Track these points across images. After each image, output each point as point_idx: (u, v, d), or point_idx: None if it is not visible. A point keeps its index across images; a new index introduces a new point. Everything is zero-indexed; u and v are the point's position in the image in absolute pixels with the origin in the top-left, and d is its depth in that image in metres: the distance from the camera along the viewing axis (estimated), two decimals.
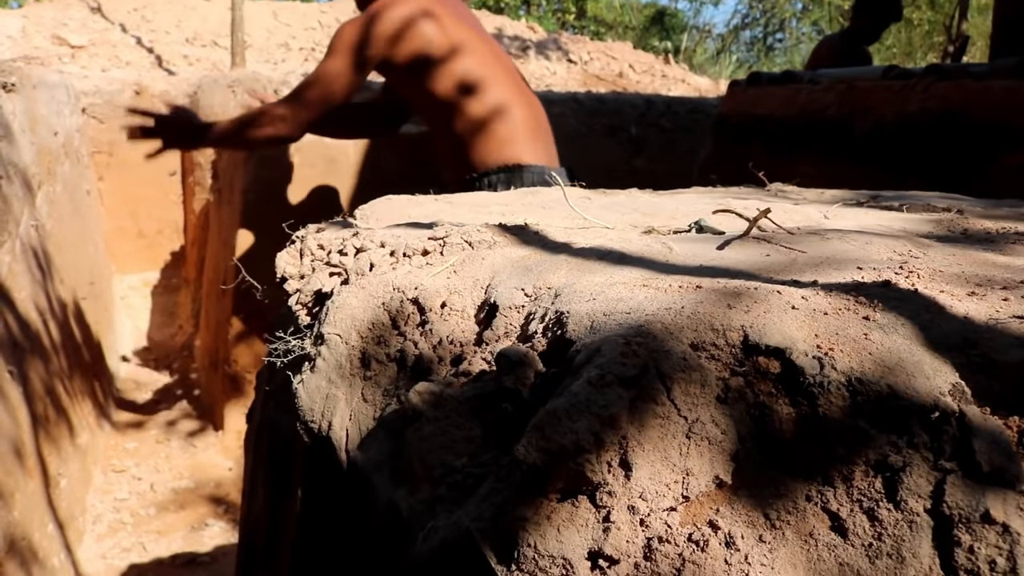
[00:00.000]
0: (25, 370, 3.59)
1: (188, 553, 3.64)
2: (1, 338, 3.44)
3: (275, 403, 1.47)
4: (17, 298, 3.71)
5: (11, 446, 3.28)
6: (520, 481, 0.80)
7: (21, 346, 3.64)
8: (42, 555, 3.23)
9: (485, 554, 0.82)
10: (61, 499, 3.63)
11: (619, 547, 0.77)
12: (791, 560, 0.78)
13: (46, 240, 4.19)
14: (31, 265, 3.98)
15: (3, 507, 3.05)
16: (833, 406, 0.82)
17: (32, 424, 3.48)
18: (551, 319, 1.04)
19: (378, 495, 1.06)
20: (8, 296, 3.64)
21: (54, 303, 4.11)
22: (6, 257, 3.62)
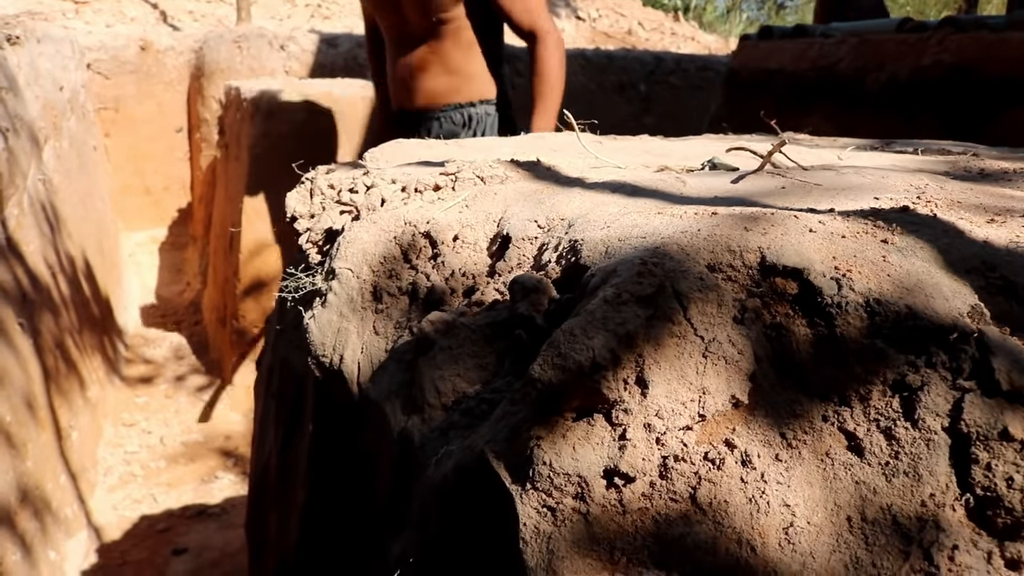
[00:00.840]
0: (35, 324, 3.60)
1: (198, 504, 3.67)
2: (11, 291, 3.44)
3: (285, 342, 1.47)
4: (26, 251, 3.71)
5: (23, 398, 3.30)
6: (535, 400, 0.79)
7: (31, 300, 3.65)
8: (55, 505, 3.26)
9: (499, 475, 0.82)
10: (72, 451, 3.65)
11: (635, 465, 0.77)
12: (807, 479, 0.78)
13: (53, 195, 4.19)
14: (39, 219, 3.97)
15: (16, 457, 3.07)
16: (851, 326, 0.82)
17: (43, 377, 3.49)
18: (565, 248, 1.04)
19: (390, 425, 1.06)
20: (17, 250, 3.64)
21: (63, 258, 4.12)
22: (14, 210, 3.62)
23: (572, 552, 0.76)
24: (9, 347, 3.23)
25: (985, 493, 0.75)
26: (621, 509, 0.77)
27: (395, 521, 1.06)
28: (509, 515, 0.79)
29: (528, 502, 0.78)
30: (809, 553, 0.74)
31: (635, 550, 0.76)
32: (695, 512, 0.76)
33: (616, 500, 0.77)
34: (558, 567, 0.75)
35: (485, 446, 0.85)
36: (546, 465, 0.78)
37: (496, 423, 0.89)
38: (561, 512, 0.77)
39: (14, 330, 3.34)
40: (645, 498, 0.77)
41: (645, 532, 0.76)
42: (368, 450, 1.15)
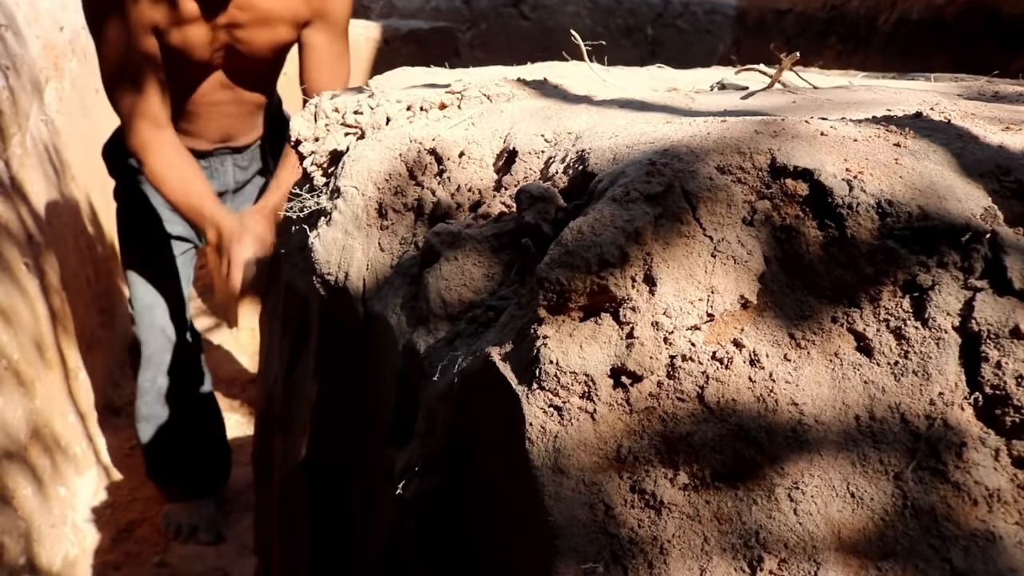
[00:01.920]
0: (41, 265, 3.60)
1: None
2: (16, 231, 3.44)
3: (290, 266, 1.46)
4: (30, 192, 3.70)
5: (30, 337, 3.31)
6: (542, 299, 0.79)
7: (36, 241, 3.64)
8: (64, 443, 3.28)
9: (505, 377, 0.81)
10: (80, 391, 3.67)
11: (642, 363, 0.76)
12: (816, 379, 0.77)
13: (56, 137, 4.16)
14: (42, 161, 3.96)
15: (25, 395, 3.08)
16: (862, 228, 0.81)
17: (50, 318, 3.50)
18: (572, 159, 1.02)
19: (395, 338, 1.06)
20: (21, 190, 3.63)
21: (67, 200, 4.11)
22: (17, 150, 3.60)
23: (579, 451, 0.76)
24: (15, 286, 3.24)
25: (994, 392, 0.75)
26: (628, 408, 0.77)
27: (400, 434, 1.07)
28: (515, 416, 0.79)
29: (534, 402, 0.78)
30: (817, 452, 0.74)
31: (642, 449, 0.76)
32: (703, 411, 0.76)
33: (623, 399, 0.77)
34: (565, 465, 0.75)
35: (491, 349, 0.85)
36: (553, 364, 0.77)
37: (502, 328, 0.88)
38: (568, 411, 0.77)
39: (20, 269, 3.34)
40: (652, 397, 0.77)
41: (652, 431, 0.76)
42: (374, 366, 1.15)
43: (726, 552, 0.72)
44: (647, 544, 0.72)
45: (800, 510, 0.72)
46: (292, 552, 1.47)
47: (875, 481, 0.73)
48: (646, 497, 0.74)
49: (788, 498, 0.73)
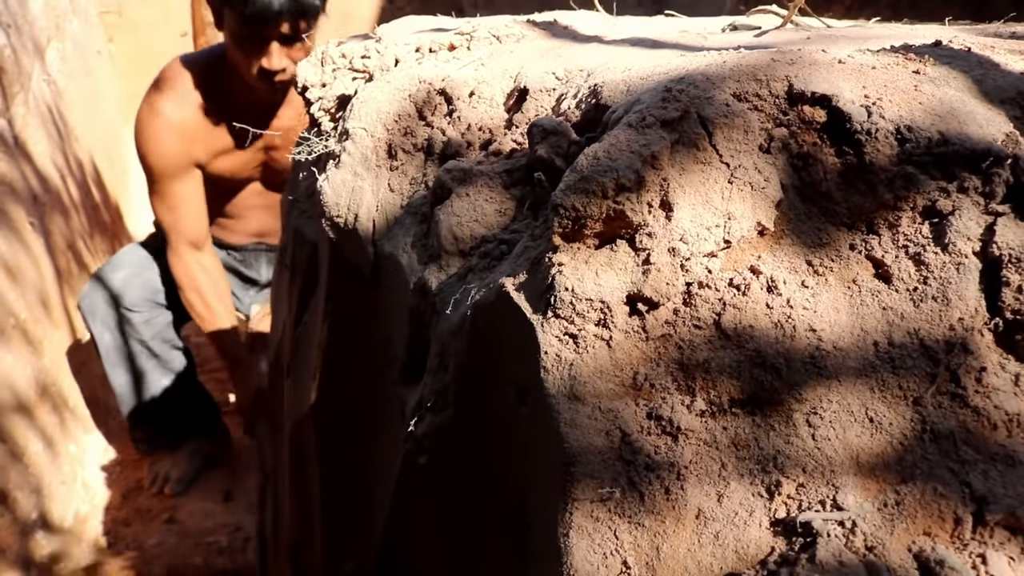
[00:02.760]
0: (46, 225, 3.59)
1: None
2: (21, 191, 3.43)
3: (298, 212, 1.45)
4: (34, 152, 3.68)
5: (37, 296, 3.31)
6: (557, 226, 0.78)
7: (41, 201, 3.63)
8: (72, 402, 3.29)
9: (519, 306, 0.81)
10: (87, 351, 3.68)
11: (659, 290, 0.75)
12: (834, 305, 0.77)
13: (59, 98, 4.14)
14: (45, 121, 3.93)
15: (33, 353, 3.09)
16: (880, 154, 0.79)
17: (56, 277, 3.49)
18: (584, 94, 1.01)
19: (406, 277, 1.05)
20: (25, 150, 3.62)
21: (71, 161, 4.09)
22: (20, 109, 3.58)
23: (595, 378, 0.75)
24: (21, 245, 3.23)
25: (1015, 317, 0.74)
26: (644, 335, 0.76)
27: (412, 373, 1.06)
28: (530, 345, 0.78)
29: (549, 330, 0.77)
30: (835, 377, 0.74)
31: (658, 376, 0.75)
32: (719, 338, 0.75)
33: (639, 326, 0.76)
34: (580, 392, 0.75)
35: (504, 280, 0.84)
36: (568, 291, 0.76)
37: (516, 259, 0.88)
38: (583, 339, 0.76)
39: (25, 229, 3.34)
40: (669, 325, 0.76)
41: (668, 358, 0.76)
42: (384, 306, 1.15)
43: (743, 477, 0.71)
44: (664, 470, 0.72)
45: (818, 435, 0.72)
46: (302, 499, 1.47)
47: (894, 406, 0.72)
48: (663, 423, 0.73)
49: (806, 423, 0.72)
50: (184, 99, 2.60)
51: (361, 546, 1.20)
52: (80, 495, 3.06)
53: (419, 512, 1.02)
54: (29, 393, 2.93)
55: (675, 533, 0.70)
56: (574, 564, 0.70)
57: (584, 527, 0.71)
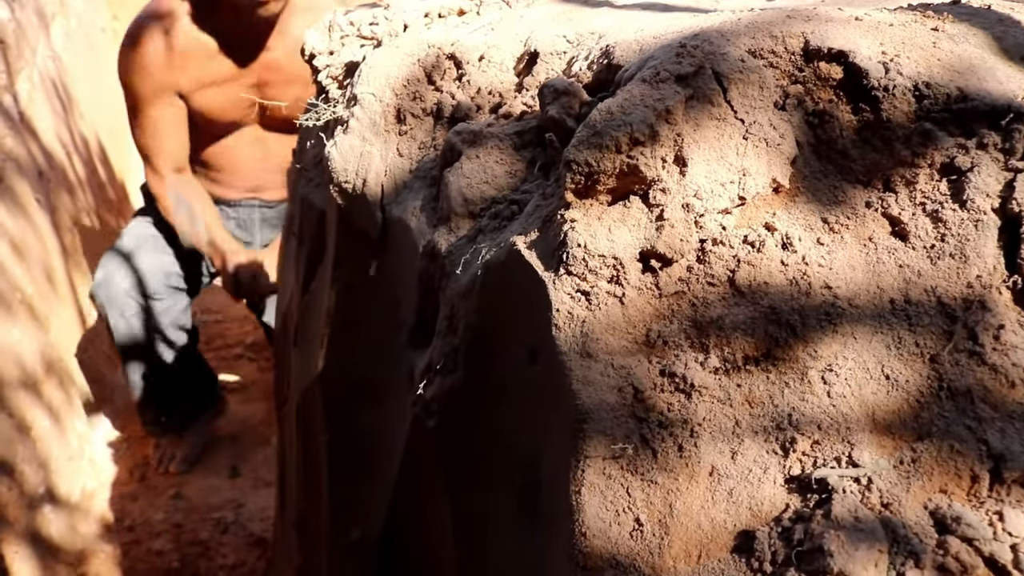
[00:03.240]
0: (52, 201, 3.58)
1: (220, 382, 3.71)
2: (27, 166, 3.42)
3: (305, 181, 1.44)
4: (39, 128, 3.67)
5: (43, 271, 3.31)
6: (570, 182, 0.77)
7: (47, 177, 3.63)
8: (78, 379, 3.29)
9: (530, 264, 0.80)
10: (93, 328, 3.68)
11: (673, 246, 0.75)
12: (849, 262, 0.76)
13: (64, 74, 4.13)
14: (50, 97, 3.92)
15: (39, 329, 3.09)
16: (897, 110, 0.78)
17: (62, 254, 3.49)
18: (596, 55, 1.00)
19: (415, 240, 1.04)
20: (30, 125, 3.61)
21: (76, 137, 4.08)
22: (25, 85, 3.57)
23: (607, 335, 0.74)
24: (27, 221, 3.23)
25: None
26: (657, 292, 0.75)
27: (420, 337, 1.05)
28: (541, 303, 0.78)
29: (561, 287, 0.76)
30: (851, 334, 0.73)
31: (671, 333, 0.74)
32: (733, 295, 0.75)
33: (652, 283, 0.76)
34: (593, 349, 0.74)
35: (515, 238, 0.83)
36: (581, 248, 0.76)
37: (527, 218, 0.87)
38: (596, 296, 0.75)
39: (31, 204, 3.33)
40: (682, 282, 0.76)
41: (682, 315, 0.75)
42: (392, 272, 1.14)
43: (758, 435, 0.70)
44: (677, 427, 0.71)
45: (833, 392, 0.71)
46: (309, 469, 1.47)
47: (910, 363, 0.71)
48: (676, 380, 0.72)
49: (821, 380, 0.71)
50: (170, 26, 2.54)
51: (368, 513, 1.19)
52: (87, 471, 3.07)
53: (427, 476, 1.01)
54: (36, 368, 2.93)
55: (688, 490, 0.69)
56: (586, 521, 0.70)
57: (596, 484, 0.71)
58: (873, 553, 0.62)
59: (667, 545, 0.68)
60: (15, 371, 2.78)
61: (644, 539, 0.69)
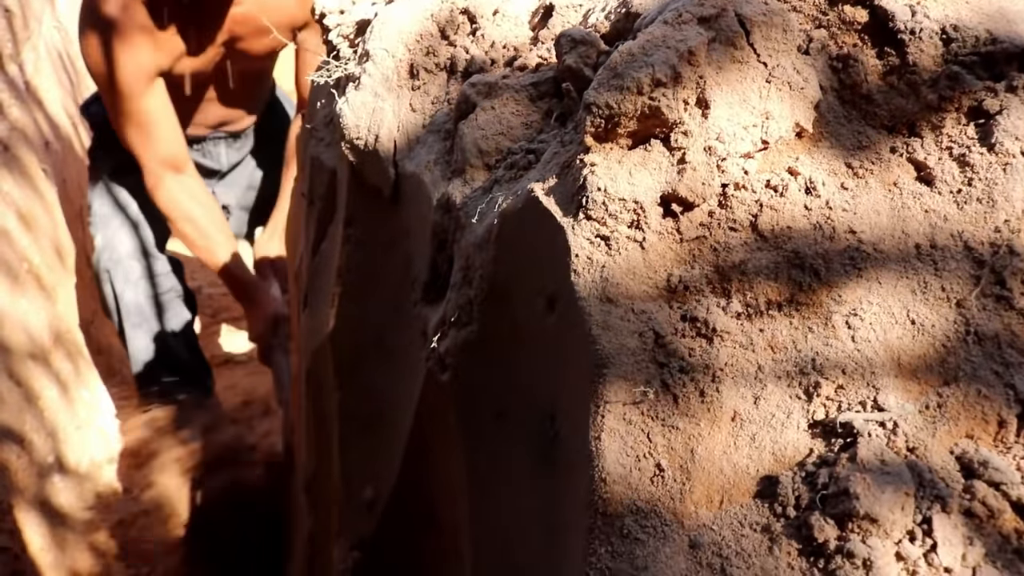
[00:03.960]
0: (60, 173, 3.57)
1: (225, 353, 3.72)
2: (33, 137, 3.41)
3: (315, 141, 1.43)
4: (46, 99, 3.66)
5: (50, 242, 3.30)
6: (590, 125, 0.75)
7: (54, 148, 3.61)
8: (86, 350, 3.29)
9: (548, 210, 0.78)
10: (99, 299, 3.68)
11: (695, 190, 0.73)
12: (874, 207, 0.74)
13: (69, 44, 4.11)
14: (56, 68, 3.91)
15: (47, 299, 3.09)
16: (924, 54, 0.77)
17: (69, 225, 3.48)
18: (613, 5, 0.98)
19: (428, 194, 1.03)
20: (36, 96, 3.59)
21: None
22: (30, 55, 3.55)
23: (627, 280, 0.73)
24: (34, 191, 3.22)
25: None
26: (679, 237, 0.74)
27: (434, 291, 1.04)
28: (560, 249, 0.76)
29: (580, 232, 0.75)
30: (876, 279, 0.71)
31: (693, 278, 0.73)
32: (756, 239, 0.73)
33: (673, 228, 0.74)
34: (613, 294, 0.73)
35: (533, 185, 0.82)
36: (601, 191, 0.74)
37: (545, 165, 0.85)
38: (616, 241, 0.74)
39: (38, 175, 3.32)
40: (703, 227, 0.74)
41: (703, 260, 0.74)
42: (405, 227, 1.13)
43: (781, 379, 0.69)
44: (699, 372, 0.70)
45: (858, 337, 0.70)
46: (319, 430, 1.46)
47: (936, 308, 0.70)
48: (698, 325, 0.71)
49: (846, 325, 0.70)
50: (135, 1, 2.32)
51: (380, 472, 1.19)
52: (95, 441, 3.07)
53: (441, 431, 1.00)
54: (43, 338, 2.92)
55: (710, 435, 0.68)
56: (606, 467, 0.69)
57: (616, 430, 0.70)
58: (900, 496, 0.61)
59: (688, 491, 0.67)
60: (23, 341, 2.78)
61: (665, 485, 0.68)
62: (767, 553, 0.63)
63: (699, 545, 0.65)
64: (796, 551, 0.63)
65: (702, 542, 0.65)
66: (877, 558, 0.60)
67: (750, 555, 0.64)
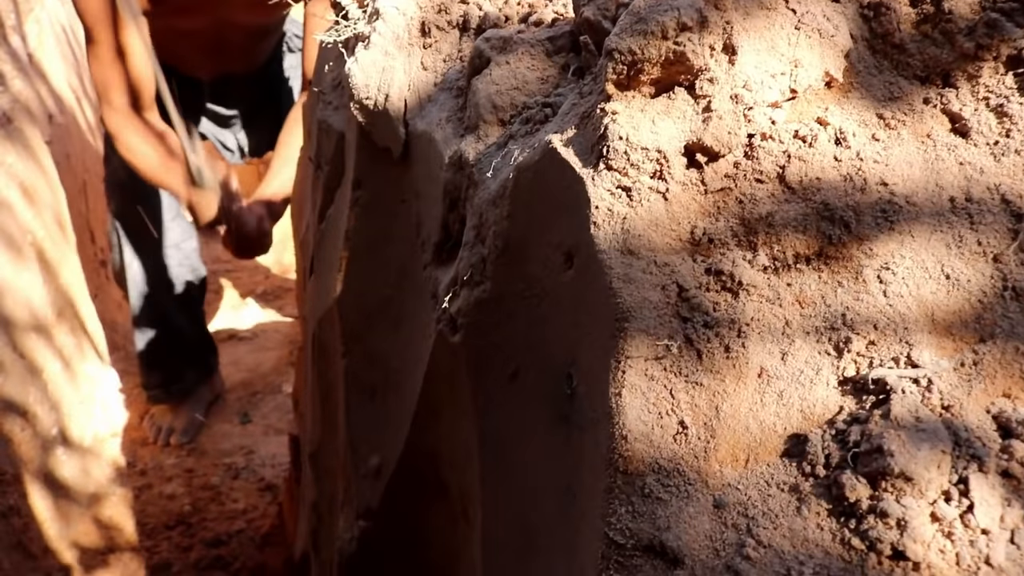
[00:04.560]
0: (63, 146, 3.54)
1: (228, 329, 3.70)
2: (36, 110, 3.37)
3: (323, 104, 1.40)
4: (48, 72, 3.62)
5: (53, 216, 3.27)
6: (611, 72, 0.72)
7: (57, 122, 3.58)
8: (90, 326, 3.27)
9: (567, 161, 0.76)
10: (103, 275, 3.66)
11: (720, 139, 0.70)
12: (907, 159, 0.71)
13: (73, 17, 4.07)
14: (59, 41, 3.87)
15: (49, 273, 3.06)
16: (961, 1, 0.74)
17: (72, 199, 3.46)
18: None
19: (441, 152, 1.00)
20: (39, 68, 3.56)
21: (85, 82, 4.03)
22: (33, 27, 3.51)
23: (650, 231, 0.70)
24: (36, 164, 3.19)
25: None
26: (703, 188, 0.71)
27: (445, 252, 1.02)
28: (579, 201, 0.74)
29: (600, 183, 0.72)
30: (909, 232, 0.69)
31: (717, 230, 0.70)
32: (783, 191, 0.70)
33: (698, 179, 0.72)
34: (635, 246, 0.70)
35: (551, 136, 0.79)
36: (622, 140, 0.71)
37: (563, 116, 0.82)
38: (638, 191, 0.71)
39: (40, 148, 3.29)
40: (729, 178, 0.71)
41: (728, 212, 0.71)
42: (415, 187, 1.10)
43: (809, 335, 0.67)
44: (724, 327, 0.67)
45: (890, 291, 0.67)
46: (325, 399, 1.44)
47: (972, 263, 0.67)
48: (723, 279, 0.68)
49: (877, 279, 0.67)
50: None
51: (387, 439, 1.16)
52: (99, 415, 3.06)
53: (452, 394, 0.98)
54: (46, 312, 2.90)
55: (736, 392, 0.66)
56: (627, 424, 0.66)
57: (638, 386, 0.67)
58: (936, 454, 0.59)
59: (713, 448, 0.65)
60: (25, 314, 2.75)
61: (688, 442, 0.65)
62: (795, 513, 0.61)
63: (724, 505, 0.63)
64: (826, 511, 0.60)
65: (727, 502, 0.63)
66: (912, 518, 0.57)
67: (777, 515, 0.61)
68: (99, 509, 2.64)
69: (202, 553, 2.54)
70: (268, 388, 3.28)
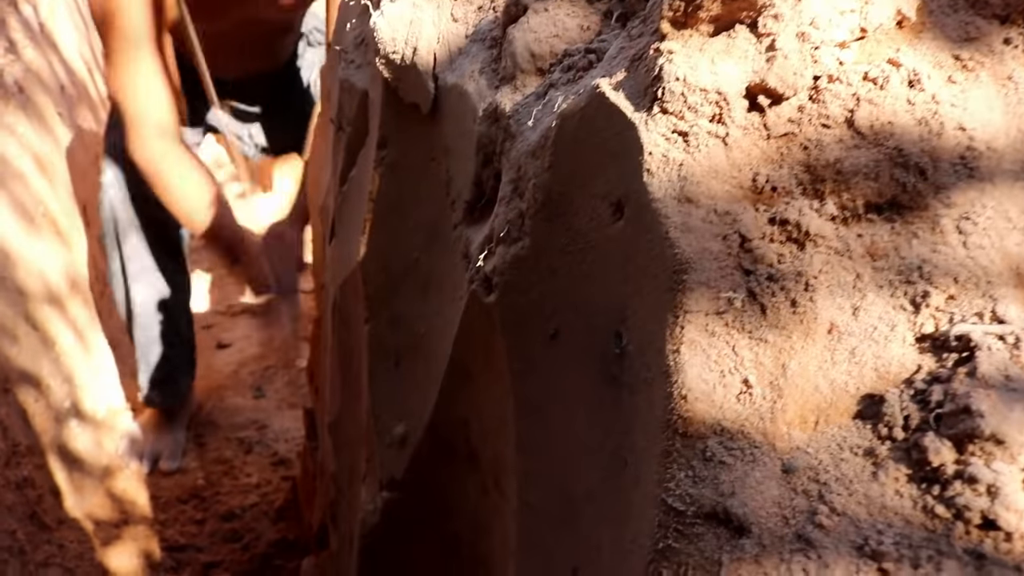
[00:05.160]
0: (75, 119, 3.50)
1: (241, 304, 3.67)
2: (48, 80, 3.33)
3: (345, 63, 1.35)
4: (60, 42, 3.58)
5: (66, 189, 3.24)
6: (667, 9, 0.67)
7: (69, 93, 3.54)
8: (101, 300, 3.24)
9: (617, 105, 0.71)
10: None
11: (785, 80, 0.65)
12: (986, 103, 0.66)
13: None
14: (71, 11, 3.82)
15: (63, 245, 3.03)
16: None
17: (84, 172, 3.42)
18: None
19: (474, 105, 0.95)
20: (51, 39, 3.51)
21: (97, 53, 3.99)
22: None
23: (709, 178, 0.66)
24: (49, 135, 3.15)
25: None
26: (766, 133, 0.66)
27: (478, 210, 0.97)
28: (630, 148, 0.69)
29: (655, 128, 0.67)
30: (990, 180, 0.64)
31: (782, 178, 0.65)
32: (852, 136, 0.65)
33: (760, 123, 0.67)
34: (693, 194, 0.65)
35: (599, 80, 0.74)
36: (679, 81, 0.66)
37: (610, 61, 0.77)
38: (695, 136, 0.66)
39: (53, 118, 3.25)
40: (792, 123, 0.66)
41: (793, 159, 0.66)
42: (445, 144, 1.05)
43: (883, 289, 0.62)
44: (790, 280, 0.62)
45: (971, 243, 0.62)
46: (346, 367, 1.40)
47: None
48: (788, 229, 0.64)
49: (956, 230, 0.62)
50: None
51: (413, 407, 1.12)
52: (111, 388, 3.03)
53: (485, 358, 0.94)
54: (60, 284, 2.87)
55: (803, 349, 0.61)
56: (687, 383, 0.62)
57: (698, 342, 0.62)
58: None
59: (780, 409, 0.60)
60: (38, 285, 2.72)
61: (753, 402, 0.60)
62: (871, 479, 0.56)
63: (793, 470, 0.58)
64: (905, 476, 0.55)
65: (796, 466, 0.58)
66: (1003, 484, 0.52)
67: (851, 481, 0.57)
68: (112, 482, 2.62)
69: (216, 527, 2.52)
70: (282, 362, 3.25)
